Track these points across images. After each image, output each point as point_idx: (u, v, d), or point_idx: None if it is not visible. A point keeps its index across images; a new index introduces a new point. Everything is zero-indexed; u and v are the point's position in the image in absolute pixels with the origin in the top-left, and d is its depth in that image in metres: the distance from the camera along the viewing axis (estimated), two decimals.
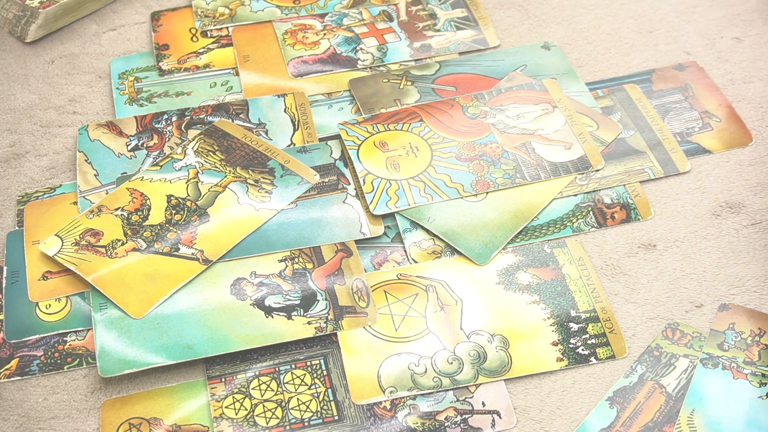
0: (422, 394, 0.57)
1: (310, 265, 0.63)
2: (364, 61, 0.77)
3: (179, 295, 0.61)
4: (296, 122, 0.72)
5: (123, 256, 0.62)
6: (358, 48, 0.78)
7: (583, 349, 0.59)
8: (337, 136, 0.71)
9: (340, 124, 0.71)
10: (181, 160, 0.69)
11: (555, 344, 0.60)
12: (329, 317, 0.60)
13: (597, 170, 0.68)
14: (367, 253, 0.65)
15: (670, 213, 0.67)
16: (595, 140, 0.70)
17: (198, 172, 0.68)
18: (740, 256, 0.64)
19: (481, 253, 0.64)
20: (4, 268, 0.64)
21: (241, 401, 0.57)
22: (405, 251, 0.65)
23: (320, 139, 0.72)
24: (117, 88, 0.76)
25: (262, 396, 0.57)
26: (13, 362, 0.60)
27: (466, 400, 0.57)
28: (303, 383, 0.58)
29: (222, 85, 0.76)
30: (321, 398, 0.57)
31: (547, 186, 0.68)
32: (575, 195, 0.67)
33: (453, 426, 0.56)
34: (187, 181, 0.67)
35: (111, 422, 0.57)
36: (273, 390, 0.58)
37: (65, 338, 0.61)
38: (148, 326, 0.59)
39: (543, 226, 0.66)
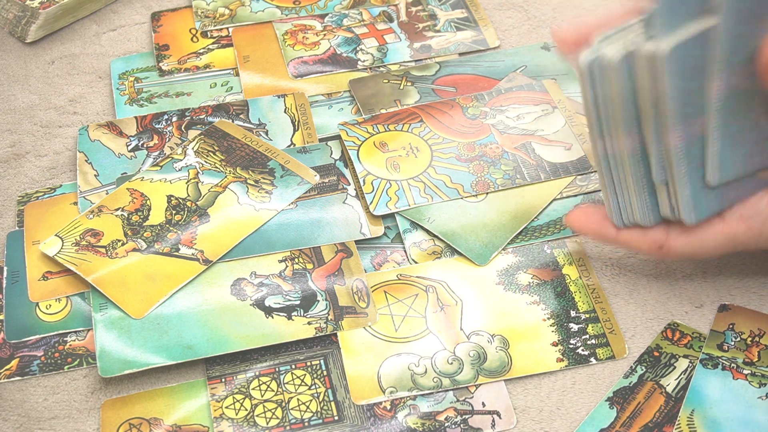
0: (422, 395, 0.57)
1: (310, 266, 0.63)
2: (364, 61, 0.77)
3: (179, 296, 0.61)
4: (296, 123, 0.72)
5: (123, 256, 0.62)
6: (358, 48, 0.78)
7: (583, 350, 0.59)
8: (337, 137, 0.71)
9: (340, 124, 0.71)
10: (181, 160, 0.69)
11: (555, 345, 0.60)
12: (329, 317, 0.60)
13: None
14: (367, 253, 0.65)
15: None
16: None
17: (198, 172, 0.68)
18: (740, 256, 0.64)
19: (481, 253, 0.64)
20: (4, 269, 0.64)
21: (241, 401, 0.57)
22: (405, 252, 0.65)
23: (320, 140, 0.72)
24: (117, 89, 0.76)
25: (262, 396, 0.57)
26: (14, 362, 0.60)
27: (466, 400, 0.57)
28: (303, 383, 0.58)
29: (222, 85, 0.76)
30: (321, 398, 0.57)
31: (547, 187, 0.68)
32: (575, 196, 0.67)
33: (453, 426, 0.56)
34: (188, 181, 0.67)
35: (111, 422, 0.57)
36: (273, 390, 0.58)
37: (65, 338, 0.61)
38: (148, 326, 0.59)
39: (543, 226, 0.66)
